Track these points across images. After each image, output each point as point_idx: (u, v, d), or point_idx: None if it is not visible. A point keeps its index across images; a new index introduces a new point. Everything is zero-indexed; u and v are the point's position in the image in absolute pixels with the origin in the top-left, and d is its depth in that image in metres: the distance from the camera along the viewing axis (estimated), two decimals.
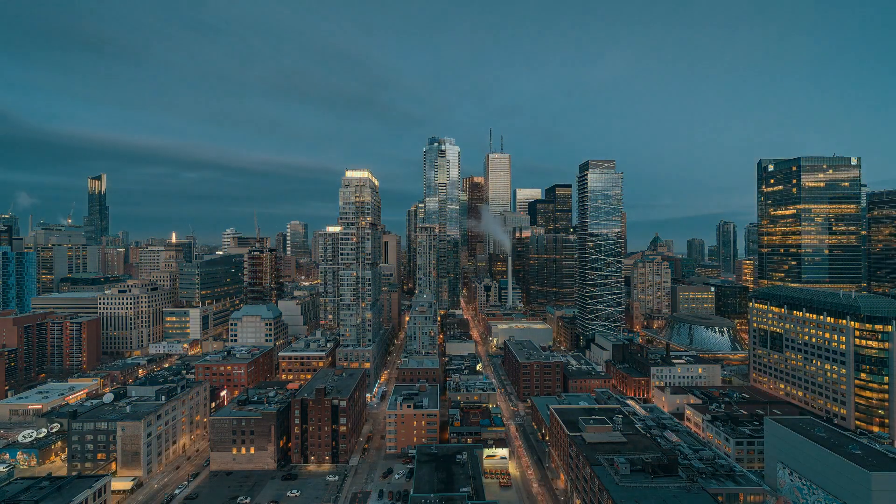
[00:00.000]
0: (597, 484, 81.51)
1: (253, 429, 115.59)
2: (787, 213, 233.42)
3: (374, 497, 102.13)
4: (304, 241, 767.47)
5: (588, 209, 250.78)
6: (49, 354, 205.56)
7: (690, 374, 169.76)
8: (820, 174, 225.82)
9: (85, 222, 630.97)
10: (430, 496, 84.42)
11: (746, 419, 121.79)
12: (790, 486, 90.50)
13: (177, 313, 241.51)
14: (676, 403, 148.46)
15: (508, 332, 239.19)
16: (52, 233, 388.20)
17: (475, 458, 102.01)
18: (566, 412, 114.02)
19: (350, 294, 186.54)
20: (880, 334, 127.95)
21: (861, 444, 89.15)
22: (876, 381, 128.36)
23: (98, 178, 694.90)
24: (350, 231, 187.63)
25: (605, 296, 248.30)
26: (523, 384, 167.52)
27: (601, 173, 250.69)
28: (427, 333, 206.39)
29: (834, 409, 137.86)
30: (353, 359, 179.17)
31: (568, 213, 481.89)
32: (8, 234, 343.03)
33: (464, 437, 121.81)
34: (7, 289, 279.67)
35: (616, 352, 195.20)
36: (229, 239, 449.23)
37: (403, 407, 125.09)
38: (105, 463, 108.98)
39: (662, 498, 74.46)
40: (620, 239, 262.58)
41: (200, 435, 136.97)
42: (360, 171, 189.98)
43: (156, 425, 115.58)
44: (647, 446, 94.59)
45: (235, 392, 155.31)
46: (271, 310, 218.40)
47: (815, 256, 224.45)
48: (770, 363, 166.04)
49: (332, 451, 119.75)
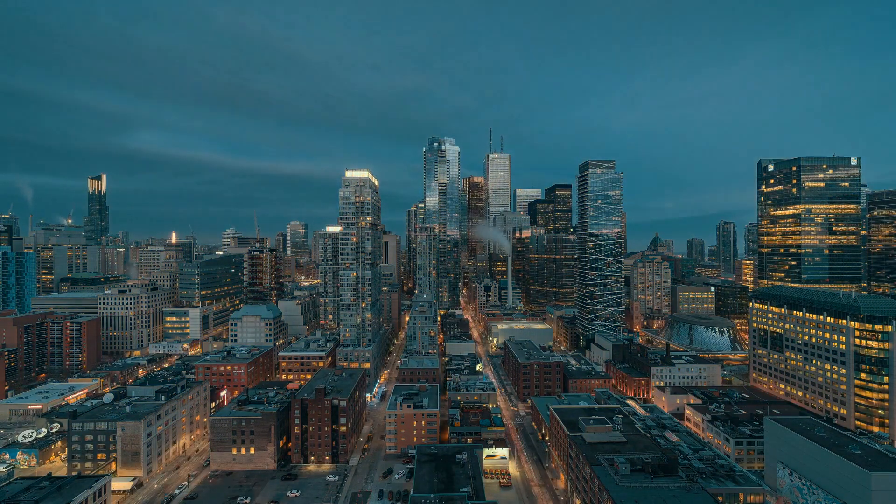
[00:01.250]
0: (597, 484, 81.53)
1: (253, 429, 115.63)
2: (787, 213, 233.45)
3: (374, 497, 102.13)
4: (304, 241, 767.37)
5: (588, 209, 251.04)
6: (49, 354, 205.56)
7: (690, 374, 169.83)
8: (820, 174, 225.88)
9: (85, 222, 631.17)
10: (430, 496, 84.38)
11: (746, 419, 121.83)
12: (790, 486, 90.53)
13: (177, 313, 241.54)
14: (676, 403, 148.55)
15: (508, 332, 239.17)
16: (52, 233, 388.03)
17: (475, 458, 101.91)
18: (566, 412, 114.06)
19: (350, 294, 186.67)
20: (880, 334, 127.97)
21: (861, 444, 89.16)
22: (876, 381, 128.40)
23: (98, 178, 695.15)
24: (350, 231, 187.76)
25: (605, 296, 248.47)
26: (523, 384, 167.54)
27: (601, 173, 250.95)
28: (427, 333, 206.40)
29: (834, 409, 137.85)
30: (353, 359, 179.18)
31: (568, 213, 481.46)
32: (8, 234, 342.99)
33: (464, 437, 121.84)
34: (7, 289, 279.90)
35: (616, 352, 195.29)
36: (229, 239, 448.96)
37: (403, 407, 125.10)
38: (105, 463, 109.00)
39: (662, 498, 74.46)
40: (620, 239, 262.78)
41: (200, 435, 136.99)
42: (360, 171, 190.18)
43: (156, 425, 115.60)
44: (647, 446, 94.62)
45: (235, 392, 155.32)
46: (271, 310, 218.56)
47: (815, 256, 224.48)
48: (770, 363, 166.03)
49: (332, 451, 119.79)
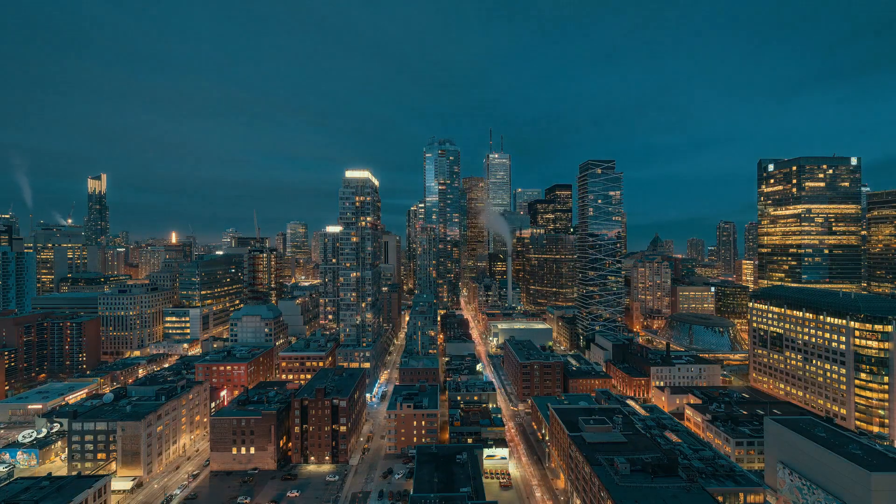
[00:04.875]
0: (597, 484, 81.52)
1: (253, 429, 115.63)
2: (787, 213, 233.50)
3: (374, 497, 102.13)
4: (305, 241, 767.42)
5: (588, 209, 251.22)
6: (49, 354, 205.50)
7: (690, 374, 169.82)
8: (820, 174, 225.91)
9: (85, 222, 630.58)
10: (430, 496, 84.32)
11: (746, 419, 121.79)
12: (790, 486, 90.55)
13: (177, 313, 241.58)
14: (676, 403, 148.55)
15: (508, 332, 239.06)
16: (52, 233, 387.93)
17: (475, 458, 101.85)
18: (566, 412, 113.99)
19: (350, 294, 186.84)
20: (880, 334, 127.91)
21: (861, 444, 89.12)
22: (876, 381, 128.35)
23: (98, 178, 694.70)
24: (350, 231, 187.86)
25: (605, 296, 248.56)
26: (523, 384, 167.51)
27: (601, 173, 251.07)
28: (427, 333, 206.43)
29: (834, 409, 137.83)
30: (353, 359, 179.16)
31: (568, 213, 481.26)
32: (8, 234, 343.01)
33: (464, 437, 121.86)
34: (7, 289, 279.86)
35: (616, 352, 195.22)
36: (229, 239, 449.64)
37: (403, 407, 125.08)
38: (105, 463, 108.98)
39: (662, 498, 74.46)
40: (620, 239, 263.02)
41: (200, 435, 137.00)
42: (360, 171, 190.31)
43: (156, 425, 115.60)
44: (647, 446, 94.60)
45: (235, 392, 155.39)
46: (271, 310, 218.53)
47: (815, 256, 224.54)
48: (770, 363, 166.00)
49: (332, 451, 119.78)
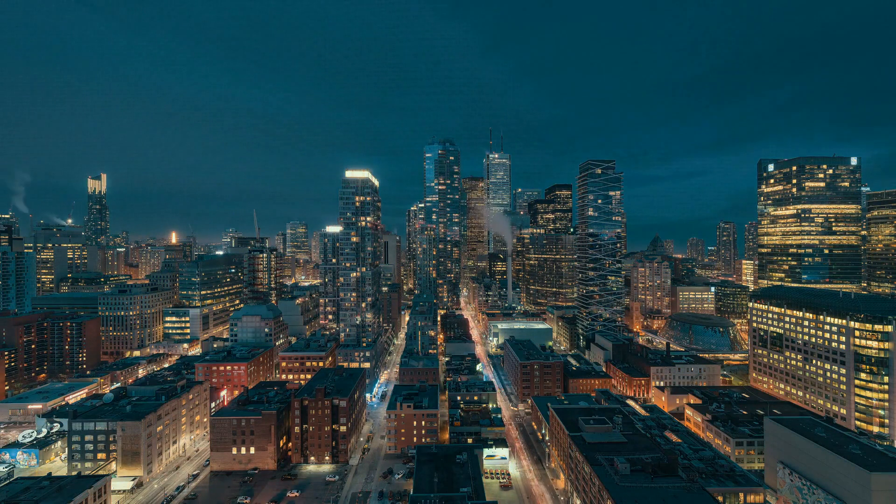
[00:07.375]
0: (597, 484, 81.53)
1: (253, 429, 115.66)
2: (787, 213, 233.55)
3: (374, 497, 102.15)
4: (305, 241, 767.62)
5: (588, 209, 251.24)
6: (49, 354, 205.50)
7: (690, 374, 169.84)
8: (820, 174, 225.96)
9: (85, 222, 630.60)
10: (430, 496, 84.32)
11: (746, 419, 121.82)
12: (790, 486, 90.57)
13: (177, 313, 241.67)
14: (676, 403, 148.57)
15: (508, 332, 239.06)
16: (52, 233, 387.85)
17: (475, 458, 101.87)
18: (566, 412, 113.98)
19: (350, 294, 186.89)
20: (880, 334, 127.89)
21: (861, 444, 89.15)
22: (876, 382, 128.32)
23: (98, 178, 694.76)
24: (350, 231, 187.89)
25: (605, 296, 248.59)
26: (523, 384, 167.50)
27: (601, 173, 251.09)
28: (427, 333, 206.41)
29: (834, 409, 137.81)
30: (353, 359, 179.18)
31: (568, 213, 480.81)
32: (8, 234, 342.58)
33: (464, 437, 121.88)
34: (7, 289, 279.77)
35: (616, 352, 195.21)
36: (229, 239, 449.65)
37: (403, 407, 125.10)
38: (105, 463, 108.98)
39: (662, 498, 74.45)
40: (620, 239, 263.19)
41: (200, 435, 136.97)
42: (361, 171, 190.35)
43: (156, 425, 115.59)
44: (647, 446, 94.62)
45: (235, 392, 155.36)
46: (271, 310, 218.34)
47: (815, 256, 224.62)
48: (770, 363, 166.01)
49: (332, 451, 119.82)
